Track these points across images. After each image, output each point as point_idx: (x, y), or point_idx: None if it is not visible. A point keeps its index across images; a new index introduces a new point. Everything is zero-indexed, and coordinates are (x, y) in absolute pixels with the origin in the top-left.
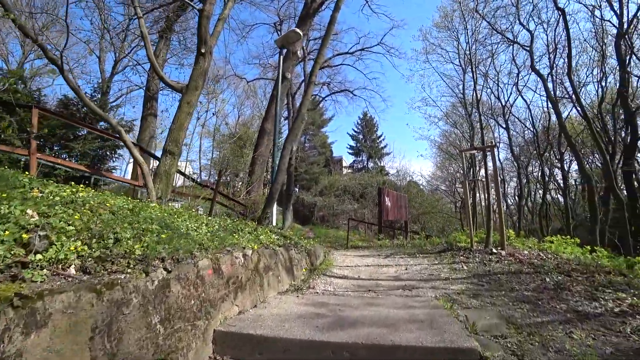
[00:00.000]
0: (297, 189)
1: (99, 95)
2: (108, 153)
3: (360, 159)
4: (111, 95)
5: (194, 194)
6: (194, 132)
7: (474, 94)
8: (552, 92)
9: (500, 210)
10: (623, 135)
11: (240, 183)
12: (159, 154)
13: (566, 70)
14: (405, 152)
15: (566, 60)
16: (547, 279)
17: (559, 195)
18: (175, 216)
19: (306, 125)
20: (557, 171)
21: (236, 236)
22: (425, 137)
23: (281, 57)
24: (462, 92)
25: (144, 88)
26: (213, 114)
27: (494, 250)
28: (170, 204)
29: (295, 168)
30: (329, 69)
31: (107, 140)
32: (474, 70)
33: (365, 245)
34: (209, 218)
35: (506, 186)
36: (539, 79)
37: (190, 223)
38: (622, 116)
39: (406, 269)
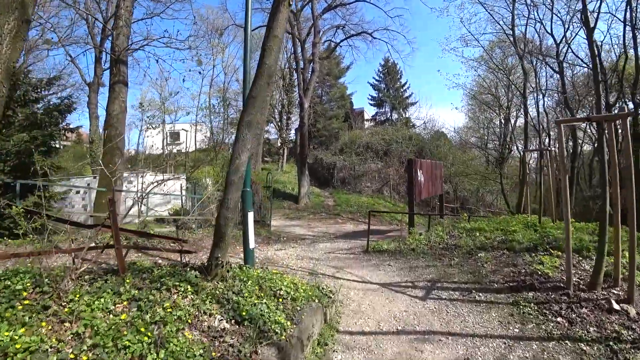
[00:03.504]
0: (316, 144)
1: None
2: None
3: (383, 110)
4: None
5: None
6: (200, 93)
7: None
8: None
9: (633, 213)
10: None
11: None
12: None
13: None
14: (432, 102)
15: None
16: None
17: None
18: None
19: (322, 76)
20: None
21: None
22: (460, 85)
23: None
24: (510, 26)
25: (108, 51)
26: (201, 72)
27: (615, 305)
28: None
29: (312, 124)
30: (343, 8)
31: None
32: None
33: (392, 248)
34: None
35: (549, 139)
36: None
37: None
38: None
39: None
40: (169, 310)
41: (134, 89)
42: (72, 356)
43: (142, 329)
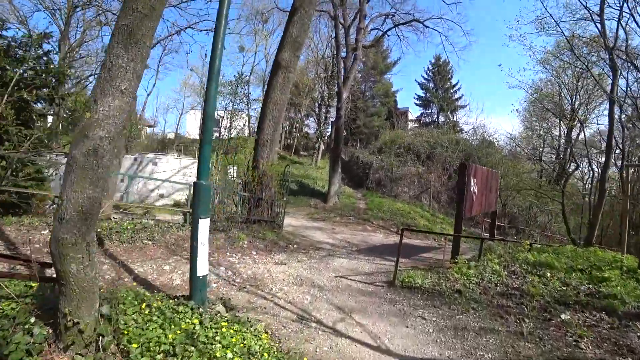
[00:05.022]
0: (355, 141)
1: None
2: None
3: (429, 111)
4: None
5: None
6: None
7: None
8: None
9: None
10: None
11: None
12: None
13: None
14: (486, 106)
15: None
16: None
17: None
18: None
19: (366, 70)
20: None
21: None
22: (522, 83)
23: None
24: (599, 13)
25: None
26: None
27: None
28: None
29: (352, 120)
30: None
31: None
32: None
33: (429, 284)
34: None
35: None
36: None
37: None
38: None
39: None
40: None
41: (174, 71)
42: None
43: None
